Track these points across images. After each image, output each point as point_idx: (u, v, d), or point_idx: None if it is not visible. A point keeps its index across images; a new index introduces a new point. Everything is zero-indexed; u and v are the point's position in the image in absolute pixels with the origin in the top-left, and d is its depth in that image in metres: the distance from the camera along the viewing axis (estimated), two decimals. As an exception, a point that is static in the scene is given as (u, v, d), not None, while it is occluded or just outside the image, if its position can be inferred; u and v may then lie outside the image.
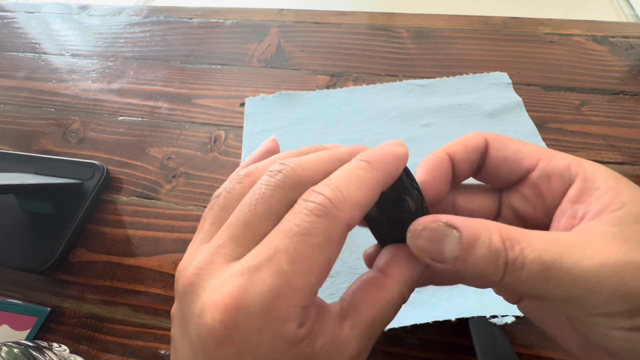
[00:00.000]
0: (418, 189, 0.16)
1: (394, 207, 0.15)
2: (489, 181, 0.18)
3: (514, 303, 0.18)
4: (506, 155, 0.16)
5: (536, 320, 0.17)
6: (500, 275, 0.12)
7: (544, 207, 0.16)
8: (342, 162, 0.15)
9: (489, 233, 0.13)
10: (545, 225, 0.16)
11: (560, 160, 0.15)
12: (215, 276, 0.13)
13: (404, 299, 0.15)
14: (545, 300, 0.13)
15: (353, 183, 0.13)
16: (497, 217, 0.18)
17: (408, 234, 0.14)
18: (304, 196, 0.13)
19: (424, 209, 0.15)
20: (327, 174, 0.14)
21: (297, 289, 0.12)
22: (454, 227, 0.13)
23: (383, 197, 0.15)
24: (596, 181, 0.14)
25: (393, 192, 0.15)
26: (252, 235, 0.13)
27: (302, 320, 0.12)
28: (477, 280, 0.14)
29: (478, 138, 0.17)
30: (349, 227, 0.13)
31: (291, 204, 0.14)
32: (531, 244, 0.12)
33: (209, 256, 0.13)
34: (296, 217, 0.13)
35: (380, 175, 0.14)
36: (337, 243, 0.13)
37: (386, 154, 0.15)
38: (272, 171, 0.14)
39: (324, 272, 0.13)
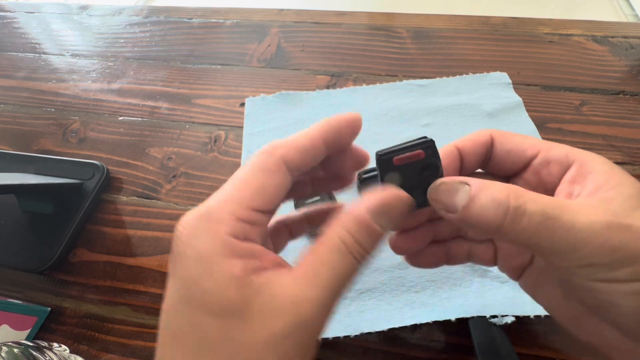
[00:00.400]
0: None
1: (422, 173, 0.17)
2: (496, 171, 0.19)
3: (515, 279, 0.20)
4: (510, 148, 0.18)
5: (532, 294, 0.20)
6: (500, 221, 0.14)
7: (544, 190, 0.18)
8: None
9: (494, 187, 0.15)
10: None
11: (559, 150, 0.17)
12: None
13: (344, 242, 0.15)
14: (539, 250, 0.14)
15: (298, 134, 0.16)
16: None
17: (429, 189, 0.17)
18: None
19: (443, 175, 0.17)
20: None
21: (232, 201, 0.14)
22: (466, 183, 0.15)
23: (413, 166, 0.17)
24: (591, 166, 0.16)
25: (426, 160, 0.17)
26: None
27: (235, 231, 0.14)
28: (481, 226, 0.15)
29: (485, 134, 0.19)
30: (287, 163, 0.15)
31: None
32: (535, 200, 0.14)
33: None
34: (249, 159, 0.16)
35: (323, 129, 0.16)
36: (272, 172, 0.15)
37: (336, 116, 0.17)
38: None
39: (258, 191, 0.15)
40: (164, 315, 0.14)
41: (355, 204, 0.16)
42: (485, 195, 0.15)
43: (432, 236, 0.21)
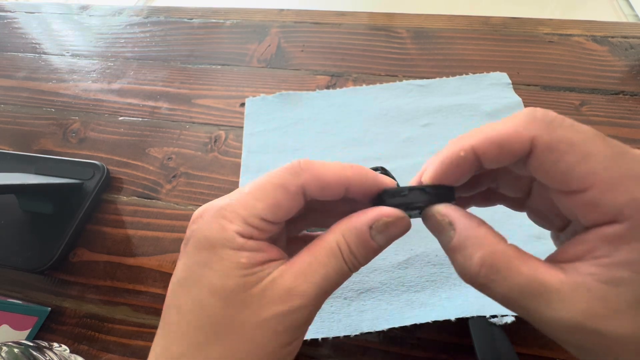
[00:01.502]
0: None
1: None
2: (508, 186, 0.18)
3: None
4: (555, 174, 0.13)
5: None
6: (466, 279, 0.15)
7: (564, 219, 0.16)
8: None
9: (474, 250, 0.14)
10: (552, 221, 0.17)
11: (619, 197, 0.12)
12: None
13: (340, 249, 0.16)
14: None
15: (326, 166, 0.16)
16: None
17: (422, 214, 0.17)
18: None
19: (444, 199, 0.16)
20: None
21: (245, 206, 0.15)
22: (454, 229, 0.15)
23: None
24: None
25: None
26: None
27: (242, 232, 0.15)
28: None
29: (522, 142, 0.13)
30: (305, 190, 0.16)
31: None
32: (506, 280, 0.13)
33: None
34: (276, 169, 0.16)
35: (353, 174, 0.16)
36: (289, 193, 0.16)
37: (372, 174, 0.17)
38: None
39: (272, 206, 0.15)
40: (173, 287, 0.16)
41: (359, 214, 0.16)
42: (461, 256, 0.15)
43: None
